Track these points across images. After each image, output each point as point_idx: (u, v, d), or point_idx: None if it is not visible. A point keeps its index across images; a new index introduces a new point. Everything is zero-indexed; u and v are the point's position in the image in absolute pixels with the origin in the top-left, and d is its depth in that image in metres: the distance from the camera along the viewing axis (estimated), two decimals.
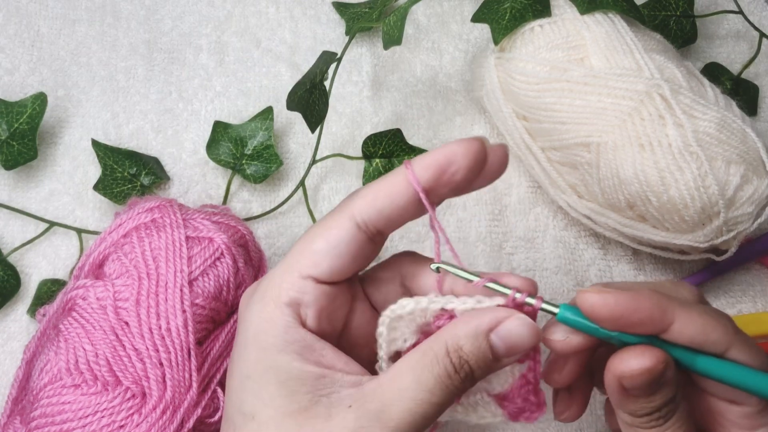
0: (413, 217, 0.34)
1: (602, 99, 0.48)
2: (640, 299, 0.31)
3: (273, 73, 0.60)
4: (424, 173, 0.32)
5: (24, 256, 0.53)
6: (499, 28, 0.53)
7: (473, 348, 0.31)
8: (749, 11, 0.63)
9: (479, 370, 0.32)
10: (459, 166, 0.32)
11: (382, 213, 0.33)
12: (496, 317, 0.32)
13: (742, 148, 0.47)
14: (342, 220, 0.33)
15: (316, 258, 0.33)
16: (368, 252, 0.34)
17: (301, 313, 0.33)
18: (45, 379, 0.41)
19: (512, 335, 0.32)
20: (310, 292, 0.33)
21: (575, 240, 0.56)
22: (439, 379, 0.31)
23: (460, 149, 0.32)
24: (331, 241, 0.33)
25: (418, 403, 0.31)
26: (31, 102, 0.54)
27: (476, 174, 0.33)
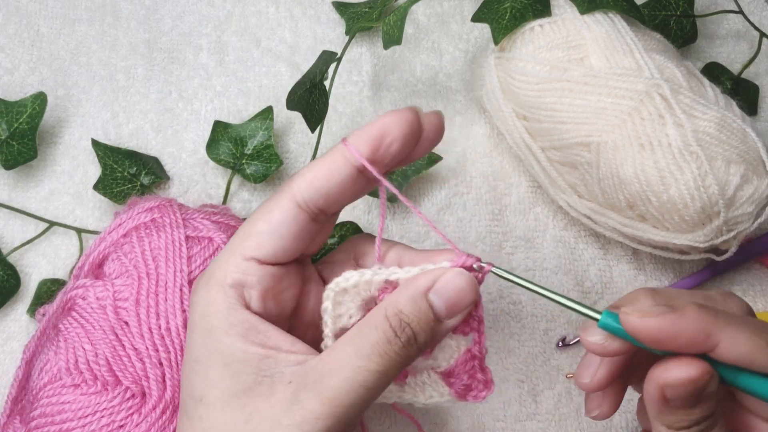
0: (355, 195, 0.34)
1: (602, 99, 0.48)
2: (683, 323, 0.29)
3: (273, 72, 0.60)
4: (361, 147, 0.32)
5: (24, 256, 0.53)
6: (499, 27, 0.53)
7: (413, 309, 0.31)
8: (749, 11, 0.63)
9: (422, 333, 0.31)
10: (394, 137, 0.32)
11: (320, 191, 0.33)
12: (433, 276, 0.32)
13: (742, 147, 0.47)
14: (283, 201, 0.33)
15: (258, 239, 0.33)
16: (312, 231, 0.34)
17: (245, 295, 0.33)
18: (45, 378, 0.41)
19: (450, 290, 0.32)
20: (253, 273, 0.33)
21: (575, 240, 0.56)
22: (378, 345, 0.31)
23: (393, 120, 0.32)
24: (273, 222, 0.33)
25: (356, 370, 0.30)
26: (31, 102, 0.54)
27: (412, 144, 0.33)
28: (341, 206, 0.35)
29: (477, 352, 0.34)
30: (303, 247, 0.35)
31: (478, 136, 0.59)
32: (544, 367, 0.52)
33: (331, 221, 0.36)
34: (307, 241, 0.35)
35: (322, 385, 0.30)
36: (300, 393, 0.31)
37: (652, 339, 0.30)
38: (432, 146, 0.34)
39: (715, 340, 0.29)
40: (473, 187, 0.57)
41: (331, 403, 0.30)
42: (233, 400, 0.32)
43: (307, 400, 0.30)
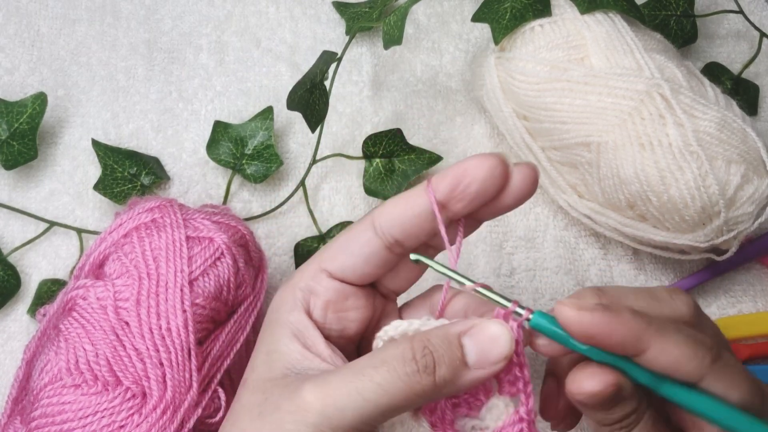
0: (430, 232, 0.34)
1: (602, 98, 0.48)
2: (616, 323, 0.30)
3: (273, 72, 0.60)
4: (440, 185, 0.33)
5: (24, 256, 0.53)
6: (499, 27, 0.53)
7: (442, 342, 0.31)
8: (749, 11, 0.63)
9: (444, 367, 0.30)
10: (473, 178, 0.33)
11: (396, 220, 0.34)
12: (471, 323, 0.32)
13: (742, 147, 0.47)
14: (364, 225, 0.35)
15: (333, 253, 0.36)
16: (385, 260, 0.35)
17: (311, 302, 0.35)
18: (45, 379, 0.41)
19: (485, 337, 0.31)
20: (321, 284, 0.35)
21: (575, 240, 0.56)
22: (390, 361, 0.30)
23: (475, 162, 0.33)
24: (350, 241, 0.35)
25: (358, 375, 0.30)
26: (31, 102, 0.54)
27: (494, 189, 0.33)
28: (418, 243, 0.35)
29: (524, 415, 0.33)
30: (374, 273, 0.36)
31: (478, 136, 0.59)
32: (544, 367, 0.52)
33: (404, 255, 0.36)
34: (378, 268, 0.35)
35: (323, 381, 0.31)
36: (303, 383, 0.31)
37: (584, 334, 0.30)
38: (523, 198, 0.34)
39: (644, 346, 0.30)
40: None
41: (324, 399, 0.30)
42: (261, 384, 0.33)
43: (306, 390, 0.31)
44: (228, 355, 0.44)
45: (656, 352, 0.30)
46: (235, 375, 0.45)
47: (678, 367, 0.30)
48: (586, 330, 0.30)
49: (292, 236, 0.55)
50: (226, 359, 0.44)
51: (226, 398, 0.43)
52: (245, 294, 0.46)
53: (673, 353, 0.30)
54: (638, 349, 0.30)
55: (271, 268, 0.53)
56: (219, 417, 0.42)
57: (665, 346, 0.30)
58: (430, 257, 0.36)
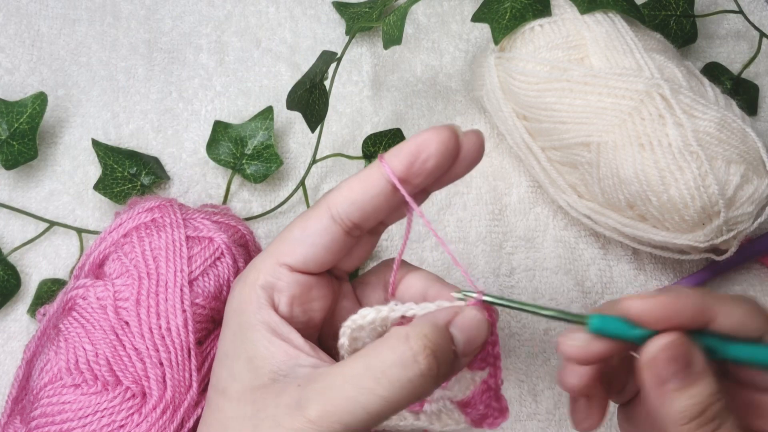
0: (390, 212, 0.34)
1: (602, 99, 0.48)
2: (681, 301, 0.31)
3: (273, 72, 0.60)
4: (396, 163, 0.33)
5: (24, 256, 0.53)
6: (499, 27, 0.53)
7: (438, 336, 0.31)
8: (749, 11, 0.63)
9: (444, 365, 0.31)
10: (429, 153, 0.32)
11: (354, 205, 0.33)
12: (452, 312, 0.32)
13: (742, 147, 0.47)
14: (319, 212, 0.34)
15: (291, 246, 0.34)
16: (345, 245, 0.35)
17: (274, 298, 0.34)
18: (45, 378, 0.41)
19: (470, 327, 0.32)
20: (283, 278, 0.34)
21: (575, 240, 0.56)
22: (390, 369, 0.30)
23: (430, 137, 0.32)
24: (307, 231, 0.34)
25: (361, 391, 0.29)
26: (31, 102, 0.54)
27: (449, 161, 0.33)
28: (376, 223, 0.35)
29: (493, 384, 0.34)
30: (334, 260, 0.35)
31: None
32: (544, 367, 0.52)
33: (369, 240, 0.37)
34: (339, 254, 0.35)
35: (325, 398, 0.30)
36: (303, 400, 0.30)
37: (655, 317, 0.31)
38: (472, 166, 0.34)
39: (712, 315, 0.31)
40: (473, 186, 0.57)
41: (329, 418, 0.29)
42: (248, 394, 0.32)
43: (308, 409, 0.30)
44: None
45: (723, 317, 0.31)
46: None
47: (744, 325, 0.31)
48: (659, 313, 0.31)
49: None
50: None
51: None
52: None
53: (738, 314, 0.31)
54: (708, 318, 0.31)
55: None
56: None
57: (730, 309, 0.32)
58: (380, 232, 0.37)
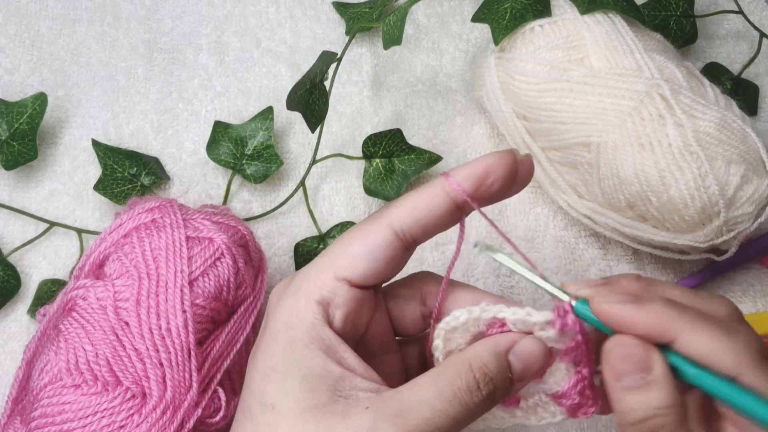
0: (445, 227, 0.35)
1: (602, 99, 0.48)
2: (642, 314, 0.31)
3: (273, 73, 0.60)
4: (463, 184, 0.34)
5: (24, 256, 0.53)
6: (499, 28, 0.53)
7: (497, 366, 0.32)
8: (749, 11, 0.63)
9: (501, 390, 0.32)
10: (496, 177, 0.33)
11: (419, 222, 0.34)
12: (512, 338, 0.33)
13: (742, 148, 0.47)
14: (380, 227, 0.34)
15: (352, 261, 0.34)
16: (402, 259, 0.35)
17: (329, 313, 0.34)
18: (45, 379, 0.41)
19: (528, 356, 0.33)
20: (341, 294, 0.34)
21: (575, 240, 0.56)
22: (459, 393, 0.31)
23: (497, 161, 0.33)
24: (369, 246, 0.34)
25: (436, 413, 0.31)
26: (31, 102, 0.54)
27: (510, 184, 0.34)
28: (430, 237, 0.36)
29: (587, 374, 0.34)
30: (391, 274, 0.36)
31: (478, 136, 0.59)
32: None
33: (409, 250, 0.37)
34: (395, 267, 0.35)
35: (402, 420, 0.31)
36: (379, 422, 0.31)
37: (613, 323, 0.32)
38: (522, 188, 0.35)
39: (672, 335, 0.30)
40: None
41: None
42: (306, 414, 0.32)
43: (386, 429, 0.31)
44: (228, 355, 0.44)
45: (685, 342, 0.30)
46: (234, 375, 0.45)
47: (711, 358, 0.30)
48: (614, 321, 0.31)
49: (292, 236, 0.55)
50: (226, 359, 0.44)
51: (225, 398, 0.43)
52: (245, 294, 0.46)
53: (706, 344, 0.30)
54: (666, 338, 0.31)
55: (271, 268, 0.53)
56: (219, 417, 0.42)
57: (697, 337, 0.30)
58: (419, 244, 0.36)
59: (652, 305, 0.31)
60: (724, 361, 0.30)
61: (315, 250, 0.54)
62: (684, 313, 0.31)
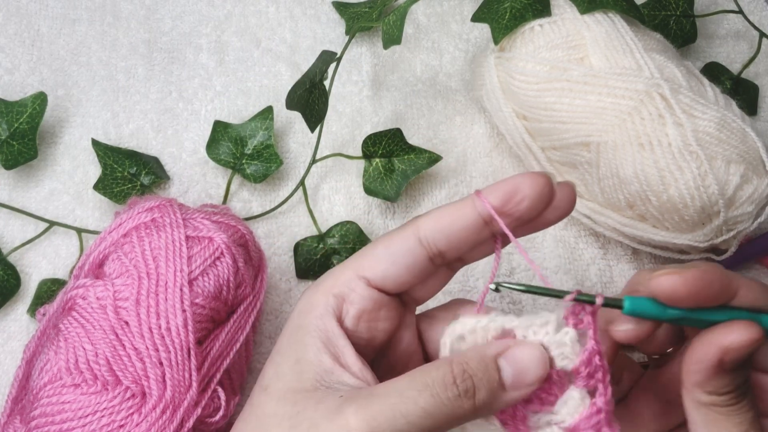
0: (475, 246, 0.35)
1: (602, 98, 0.48)
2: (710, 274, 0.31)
3: (273, 72, 0.60)
4: (492, 199, 0.34)
5: (24, 256, 0.53)
6: (499, 27, 0.53)
7: (480, 365, 0.32)
8: (749, 11, 0.63)
9: (483, 390, 0.31)
10: (524, 195, 0.33)
11: (443, 232, 0.34)
12: (505, 344, 0.32)
13: (742, 147, 0.47)
14: (405, 233, 0.35)
15: (373, 261, 0.35)
16: (425, 270, 0.35)
17: (343, 309, 0.35)
18: (45, 378, 0.41)
19: (520, 360, 0.32)
20: (357, 291, 0.35)
21: (575, 239, 0.56)
22: (432, 384, 0.31)
23: (527, 179, 0.34)
24: (391, 248, 0.35)
25: (402, 398, 0.30)
26: (31, 102, 0.54)
27: (541, 206, 0.34)
28: (459, 254, 0.36)
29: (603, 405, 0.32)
30: (412, 283, 0.36)
31: (478, 135, 0.59)
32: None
33: (445, 273, 0.37)
34: (418, 277, 0.36)
35: (366, 402, 0.30)
36: (344, 404, 0.31)
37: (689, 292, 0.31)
38: (562, 216, 0.35)
39: (736, 288, 0.32)
40: (473, 186, 0.57)
41: (369, 423, 0.30)
42: (289, 394, 0.33)
43: (348, 412, 0.30)
44: (227, 354, 0.44)
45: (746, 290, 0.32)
46: (234, 375, 0.45)
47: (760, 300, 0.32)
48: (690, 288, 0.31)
49: (292, 236, 0.55)
50: (225, 359, 0.44)
51: (225, 398, 0.43)
52: (245, 294, 0.46)
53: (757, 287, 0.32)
54: (733, 291, 0.32)
55: (271, 267, 0.53)
56: (218, 416, 0.42)
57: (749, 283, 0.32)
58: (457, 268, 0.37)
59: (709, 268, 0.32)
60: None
61: (315, 250, 0.54)
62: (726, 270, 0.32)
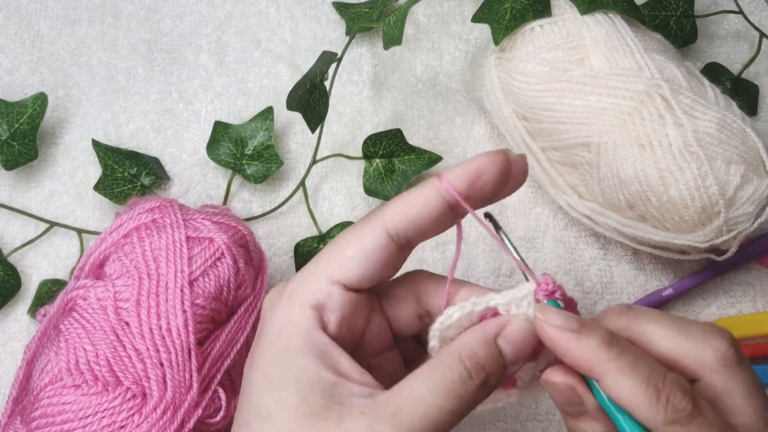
0: (440, 229, 0.35)
1: (602, 99, 0.48)
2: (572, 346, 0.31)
3: (273, 73, 0.60)
4: (456, 184, 0.33)
5: (24, 257, 0.53)
6: (499, 28, 0.53)
7: (488, 353, 0.32)
8: (749, 11, 0.63)
9: (494, 377, 0.32)
10: (488, 177, 0.33)
11: (413, 222, 0.34)
12: (500, 323, 0.33)
13: (742, 148, 0.47)
14: (374, 229, 0.34)
15: (347, 264, 0.34)
16: (397, 261, 0.35)
17: (324, 318, 0.34)
18: (45, 379, 0.41)
19: (518, 338, 0.33)
20: (336, 298, 0.34)
21: (575, 240, 0.56)
22: (453, 386, 0.31)
23: (488, 161, 0.33)
24: (363, 249, 0.34)
25: (431, 408, 0.31)
26: (31, 102, 0.54)
27: (502, 184, 0.34)
28: (425, 239, 0.35)
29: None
30: (387, 276, 0.35)
31: (478, 136, 0.59)
32: None
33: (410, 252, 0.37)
34: (390, 270, 0.35)
35: (398, 420, 0.30)
36: (375, 425, 0.30)
37: (551, 347, 0.32)
38: (516, 189, 0.35)
39: (597, 375, 0.31)
40: None
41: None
42: (301, 421, 0.31)
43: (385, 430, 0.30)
44: (228, 355, 0.44)
45: (607, 384, 0.30)
46: (235, 375, 0.45)
47: (628, 407, 0.30)
48: (549, 343, 0.32)
49: (292, 236, 0.55)
50: (226, 359, 0.44)
51: (226, 398, 0.43)
52: (245, 294, 0.46)
53: (623, 393, 0.30)
54: (592, 375, 0.31)
55: (271, 268, 0.53)
56: (219, 417, 0.42)
57: (619, 384, 0.30)
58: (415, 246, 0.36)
59: (589, 340, 0.31)
60: (639, 414, 0.30)
61: (315, 250, 0.54)
62: (618, 356, 0.30)
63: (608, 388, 0.30)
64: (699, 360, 0.32)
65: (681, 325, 0.33)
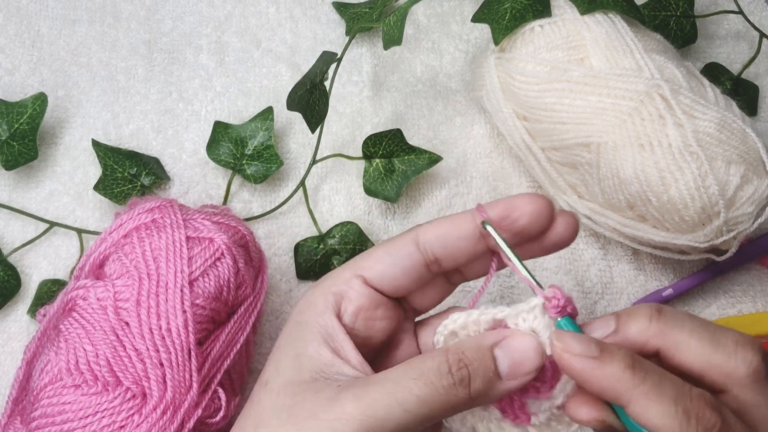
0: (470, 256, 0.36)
1: (602, 99, 0.48)
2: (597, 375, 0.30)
3: (273, 73, 0.60)
4: (490, 212, 0.35)
5: (24, 257, 0.53)
6: (499, 28, 0.53)
7: (475, 355, 0.32)
8: (749, 11, 0.63)
9: (478, 379, 0.31)
10: (522, 212, 0.35)
11: (440, 239, 0.35)
12: (501, 334, 0.33)
13: (742, 148, 0.47)
14: (405, 238, 0.36)
15: (371, 262, 0.36)
16: (421, 275, 0.37)
17: (342, 306, 0.36)
18: (45, 379, 0.41)
19: (516, 350, 0.32)
20: (355, 289, 0.36)
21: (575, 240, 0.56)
22: (428, 373, 0.31)
23: (525, 198, 0.35)
24: (390, 252, 0.36)
25: (398, 387, 0.31)
26: (31, 102, 0.54)
27: (538, 226, 0.35)
28: (456, 264, 0.37)
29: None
30: (409, 287, 0.37)
31: (478, 136, 0.59)
32: None
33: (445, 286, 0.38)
34: (414, 282, 0.37)
35: (363, 391, 0.31)
36: (342, 392, 0.31)
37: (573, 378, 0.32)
38: (563, 244, 0.36)
39: (624, 402, 0.30)
40: (473, 187, 0.57)
41: (365, 410, 0.30)
42: (288, 387, 0.33)
43: (345, 400, 0.31)
44: (228, 355, 0.44)
45: (636, 411, 0.30)
46: (235, 375, 0.45)
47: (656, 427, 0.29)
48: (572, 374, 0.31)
49: (292, 236, 0.55)
50: (226, 359, 0.44)
51: (226, 398, 0.43)
52: (245, 294, 0.46)
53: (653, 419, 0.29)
54: (619, 403, 0.30)
55: (271, 268, 0.53)
56: (219, 417, 0.42)
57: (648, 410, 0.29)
58: (457, 282, 0.38)
59: (612, 367, 0.30)
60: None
61: (315, 251, 0.54)
62: (644, 380, 0.30)
63: (637, 415, 0.30)
64: (729, 374, 0.31)
65: (712, 334, 0.32)
